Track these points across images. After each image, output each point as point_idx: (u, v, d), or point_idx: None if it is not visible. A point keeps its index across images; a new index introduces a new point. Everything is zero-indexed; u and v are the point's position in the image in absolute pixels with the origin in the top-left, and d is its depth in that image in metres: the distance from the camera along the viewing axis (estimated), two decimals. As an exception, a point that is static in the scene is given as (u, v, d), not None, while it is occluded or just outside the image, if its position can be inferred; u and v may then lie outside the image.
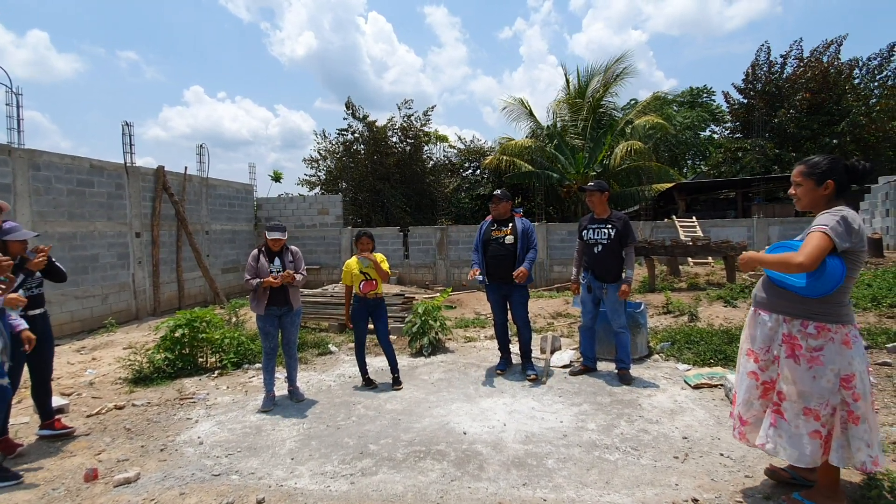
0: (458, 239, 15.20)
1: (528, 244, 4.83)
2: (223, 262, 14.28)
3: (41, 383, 3.84)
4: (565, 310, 8.07)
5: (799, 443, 2.33)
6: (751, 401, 2.54)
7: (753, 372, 2.54)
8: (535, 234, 4.93)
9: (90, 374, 5.64)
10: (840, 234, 2.27)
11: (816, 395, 2.31)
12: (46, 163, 9.22)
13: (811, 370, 2.33)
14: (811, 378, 2.33)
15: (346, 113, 19.60)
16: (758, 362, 2.52)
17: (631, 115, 18.08)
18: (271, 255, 4.43)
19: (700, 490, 2.74)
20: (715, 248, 9.12)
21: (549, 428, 3.65)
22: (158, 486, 2.99)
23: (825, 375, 2.31)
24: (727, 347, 5.05)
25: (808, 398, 2.33)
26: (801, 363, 2.36)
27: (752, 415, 2.54)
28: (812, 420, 2.32)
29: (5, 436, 3.53)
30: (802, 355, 2.36)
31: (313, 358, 5.94)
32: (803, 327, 2.37)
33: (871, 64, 20.62)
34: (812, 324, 2.35)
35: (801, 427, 2.33)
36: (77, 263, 9.59)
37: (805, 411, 2.33)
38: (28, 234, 3.66)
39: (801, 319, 2.39)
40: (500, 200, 4.93)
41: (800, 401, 2.34)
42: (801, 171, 2.49)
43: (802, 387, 2.34)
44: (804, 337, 2.36)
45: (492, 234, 4.92)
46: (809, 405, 2.32)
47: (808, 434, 2.32)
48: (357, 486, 2.93)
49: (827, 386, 2.31)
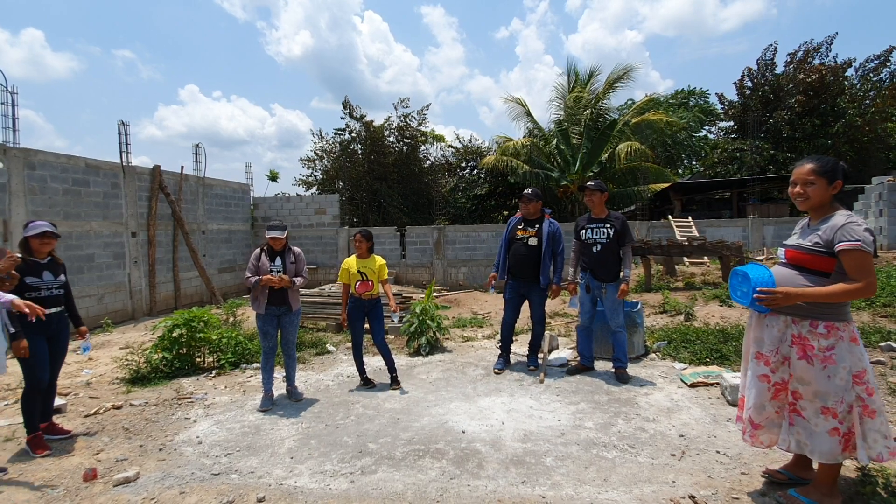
0: (455, 239, 15.22)
1: (555, 248, 4.88)
2: (220, 262, 14.24)
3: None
4: (562, 309, 8.10)
5: (818, 440, 2.36)
6: (762, 404, 2.54)
7: (765, 375, 2.52)
8: (562, 238, 4.94)
9: (87, 374, 5.62)
10: (871, 243, 2.30)
11: (833, 393, 2.33)
12: (42, 162, 9.17)
13: (825, 370, 2.35)
14: (826, 378, 2.34)
15: (343, 112, 19.57)
16: (769, 364, 2.51)
17: (629, 115, 18.13)
18: (273, 254, 4.43)
19: (697, 487, 2.77)
20: (711, 248, 9.17)
21: (547, 426, 3.68)
22: (158, 486, 3.00)
23: (839, 374, 2.33)
24: (723, 346, 5.09)
25: (825, 397, 2.35)
26: (814, 364, 2.37)
27: (765, 418, 2.55)
28: (830, 418, 2.34)
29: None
30: (815, 356, 2.37)
31: (311, 358, 5.95)
32: (813, 327, 2.39)
33: (867, 66, 20.81)
34: (822, 323, 2.37)
35: (820, 425, 2.36)
36: (73, 263, 9.54)
37: (823, 410, 2.35)
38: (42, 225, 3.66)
39: (809, 320, 2.40)
40: (530, 200, 4.94)
41: (817, 400, 2.37)
42: (813, 170, 2.45)
43: (818, 386, 2.36)
44: (815, 337, 2.38)
45: (517, 234, 4.96)
46: (827, 404, 2.35)
47: (827, 432, 2.35)
48: (357, 484, 2.94)
49: (841, 384, 2.33)
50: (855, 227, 2.31)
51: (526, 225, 4.97)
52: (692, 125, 27.09)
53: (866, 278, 2.27)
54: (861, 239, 2.29)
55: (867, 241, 2.28)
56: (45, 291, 3.62)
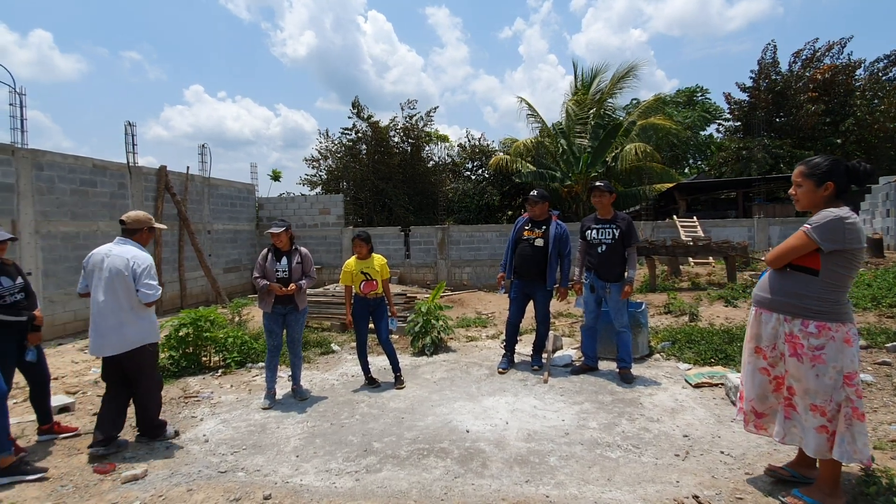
0: (459, 239, 15.23)
1: (561, 250, 4.89)
2: (225, 262, 14.32)
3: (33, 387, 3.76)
4: (566, 309, 8.10)
5: (808, 435, 2.42)
6: (766, 395, 2.63)
7: (765, 368, 2.61)
8: (570, 240, 4.95)
9: (95, 372, 5.67)
10: (825, 233, 2.31)
11: (821, 392, 2.37)
12: (50, 162, 9.26)
13: (814, 368, 2.38)
14: (815, 376, 2.38)
15: (351, 112, 19.62)
16: (766, 359, 2.59)
17: (634, 115, 18.09)
18: (279, 254, 4.46)
19: (701, 487, 2.77)
20: (716, 248, 9.15)
21: (551, 426, 3.69)
22: (166, 483, 3.03)
23: (828, 373, 2.36)
24: (728, 347, 5.08)
25: (814, 395, 2.39)
26: (804, 361, 2.41)
27: (769, 407, 2.64)
28: (818, 416, 2.39)
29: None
30: (805, 354, 2.41)
31: (316, 357, 5.98)
32: (804, 326, 2.42)
33: (877, 66, 20.74)
34: (812, 323, 2.39)
35: (809, 421, 2.41)
36: (80, 263, 9.56)
37: (812, 407, 2.41)
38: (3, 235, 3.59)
39: (801, 319, 2.43)
40: (536, 202, 4.96)
41: (807, 397, 2.42)
42: (801, 172, 2.51)
43: (807, 384, 2.40)
44: (805, 336, 2.41)
45: (524, 234, 4.98)
46: (816, 402, 2.39)
47: (815, 429, 2.40)
48: (362, 482, 2.97)
49: (829, 383, 2.36)
50: (817, 217, 2.36)
51: (533, 226, 4.99)
52: (697, 124, 27.00)
53: (775, 251, 2.48)
54: (811, 225, 2.36)
55: (821, 229, 2.32)
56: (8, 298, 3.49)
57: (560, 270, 4.94)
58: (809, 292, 2.41)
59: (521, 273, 4.97)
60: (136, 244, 3.58)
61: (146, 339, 3.50)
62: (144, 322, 3.49)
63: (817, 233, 2.33)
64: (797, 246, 2.40)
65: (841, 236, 2.31)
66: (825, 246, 2.32)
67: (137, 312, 3.45)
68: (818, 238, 2.33)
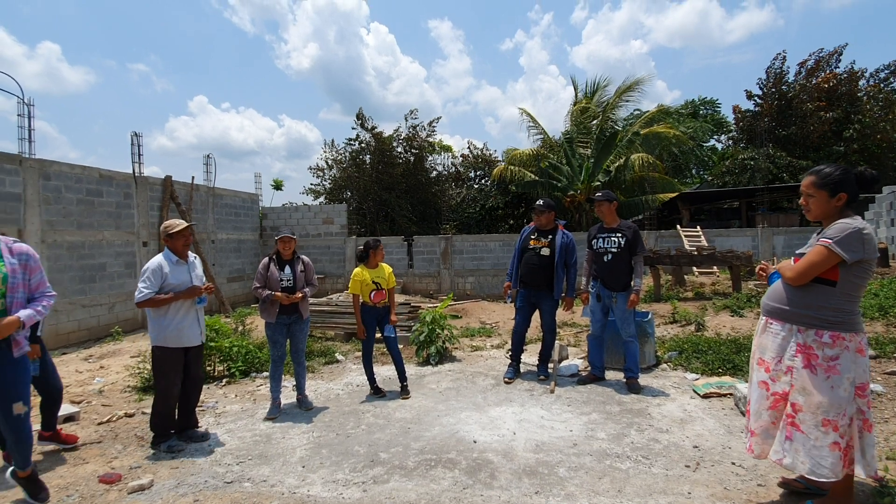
0: (462, 248, 15.22)
1: (567, 260, 4.89)
2: (229, 271, 14.33)
3: None
4: (571, 319, 8.07)
5: (818, 455, 2.30)
6: (759, 411, 2.54)
7: (764, 382, 2.53)
8: (576, 250, 4.96)
9: (99, 381, 5.66)
10: (848, 246, 2.29)
11: (835, 405, 2.30)
12: (56, 172, 9.32)
13: (829, 380, 2.32)
14: (829, 388, 2.32)
15: (355, 123, 19.77)
16: (769, 372, 2.51)
17: (637, 126, 18.16)
18: (281, 263, 4.46)
19: (713, 499, 2.74)
20: (720, 258, 9.12)
21: (558, 437, 3.66)
22: (172, 493, 3.01)
23: (842, 384, 2.31)
24: (735, 357, 5.05)
25: (827, 409, 2.31)
26: (818, 373, 2.35)
27: (760, 425, 2.53)
28: (831, 431, 2.30)
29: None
30: (819, 365, 2.35)
31: (320, 367, 5.96)
32: (818, 337, 2.37)
33: (878, 76, 20.89)
34: (827, 333, 2.36)
35: (821, 439, 2.31)
36: (85, 272, 9.65)
37: (824, 423, 2.31)
38: None
39: (815, 329, 2.38)
40: (542, 212, 4.97)
41: (818, 412, 2.32)
42: (812, 182, 2.47)
43: (821, 397, 2.32)
44: (820, 346, 2.36)
45: (530, 243, 4.99)
46: (828, 416, 2.30)
47: (828, 446, 2.29)
48: (370, 493, 2.94)
49: (844, 395, 2.31)
50: (837, 230, 2.33)
51: (539, 235, 4.99)
52: (699, 135, 27.09)
53: (798, 270, 2.39)
54: (832, 238, 2.31)
55: (844, 242, 2.29)
56: None
57: (566, 281, 4.94)
58: (828, 303, 2.37)
59: (527, 282, 4.97)
60: (165, 251, 3.82)
61: (154, 340, 3.70)
62: (153, 324, 3.68)
63: (841, 247, 2.30)
64: (819, 262, 2.34)
65: (860, 247, 2.29)
66: (850, 258, 2.29)
67: (150, 314, 3.68)
68: (843, 252, 2.29)
